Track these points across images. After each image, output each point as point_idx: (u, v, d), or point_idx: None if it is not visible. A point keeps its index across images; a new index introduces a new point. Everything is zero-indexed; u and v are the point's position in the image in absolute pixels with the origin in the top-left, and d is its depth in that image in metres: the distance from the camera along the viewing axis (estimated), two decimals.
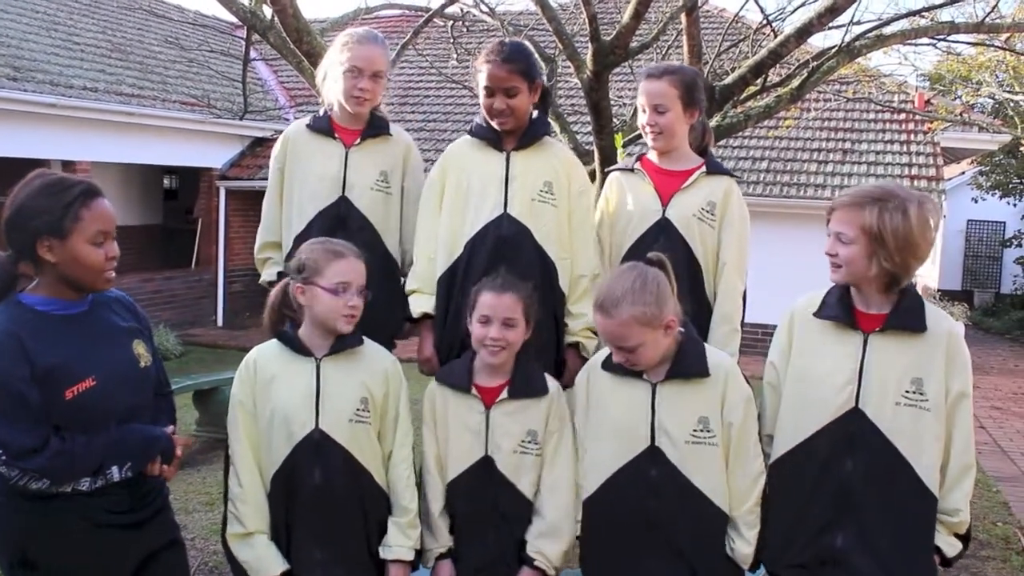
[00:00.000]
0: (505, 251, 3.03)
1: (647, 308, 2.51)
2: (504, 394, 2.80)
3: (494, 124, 3.07)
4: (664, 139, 3.07)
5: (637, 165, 3.16)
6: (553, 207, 3.10)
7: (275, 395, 2.70)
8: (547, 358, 3.08)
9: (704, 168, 3.10)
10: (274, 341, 2.78)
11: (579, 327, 3.14)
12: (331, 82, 3.20)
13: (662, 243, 2.96)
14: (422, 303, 3.14)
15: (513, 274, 2.89)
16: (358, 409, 2.72)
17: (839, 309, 2.59)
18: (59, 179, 2.39)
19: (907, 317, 2.53)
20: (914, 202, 2.46)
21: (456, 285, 3.09)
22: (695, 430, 2.59)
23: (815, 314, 2.63)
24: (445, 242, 3.12)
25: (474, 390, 2.81)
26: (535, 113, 3.15)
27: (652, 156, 3.18)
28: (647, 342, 2.55)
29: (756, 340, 6.82)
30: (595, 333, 3.15)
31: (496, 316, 2.73)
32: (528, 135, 3.12)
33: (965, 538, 2.65)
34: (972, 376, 2.67)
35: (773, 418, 2.72)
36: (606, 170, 3.46)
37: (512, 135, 3.11)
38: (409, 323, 3.23)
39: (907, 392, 2.52)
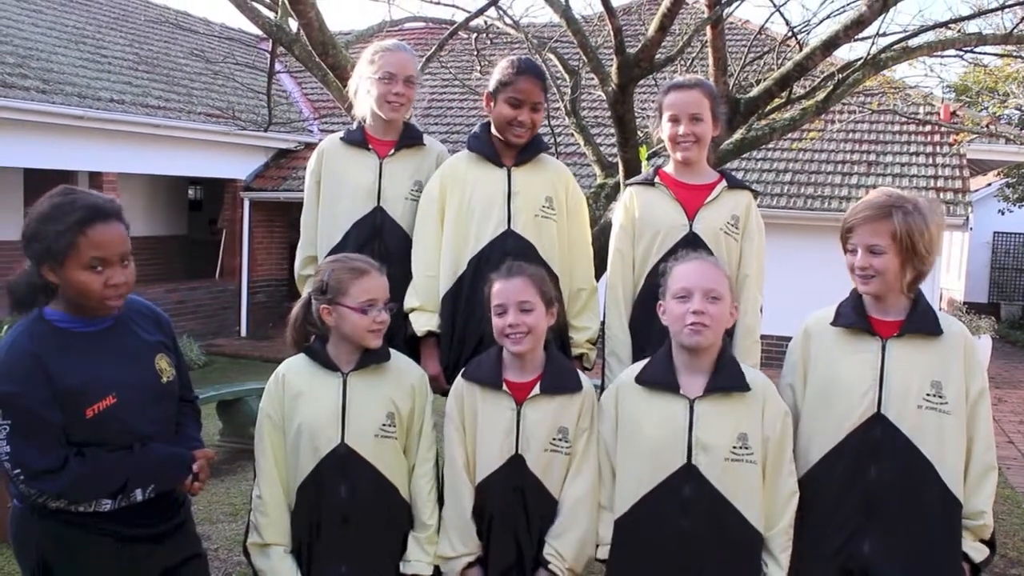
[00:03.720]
0: None
1: (727, 271, 2.68)
2: (536, 390, 2.73)
3: (511, 137, 3.09)
4: (699, 148, 3.07)
5: (657, 179, 3.15)
6: (554, 222, 3.14)
7: (302, 410, 2.71)
8: None
9: (725, 182, 3.12)
10: (302, 355, 2.79)
11: (582, 339, 3.17)
12: (363, 94, 3.22)
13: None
14: (425, 320, 3.11)
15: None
16: (384, 424, 2.72)
17: (855, 317, 2.66)
18: (65, 201, 2.33)
19: (924, 321, 2.60)
20: (923, 201, 2.58)
21: (461, 302, 3.09)
22: (735, 447, 2.55)
23: (832, 323, 2.69)
24: (448, 259, 3.11)
25: (505, 386, 2.75)
26: None
27: (669, 169, 3.17)
28: (725, 300, 2.59)
29: (781, 352, 6.76)
30: (594, 344, 3.17)
31: (509, 301, 2.68)
32: (528, 151, 3.14)
33: (991, 543, 2.67)
34: (990, 382, 2.71)
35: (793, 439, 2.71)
36: (625, 183, 3.46)
37: (511, 151, 3.14)
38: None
39: (928, 395, 2.56)
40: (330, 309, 2.69)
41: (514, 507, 2.74)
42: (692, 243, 3.01)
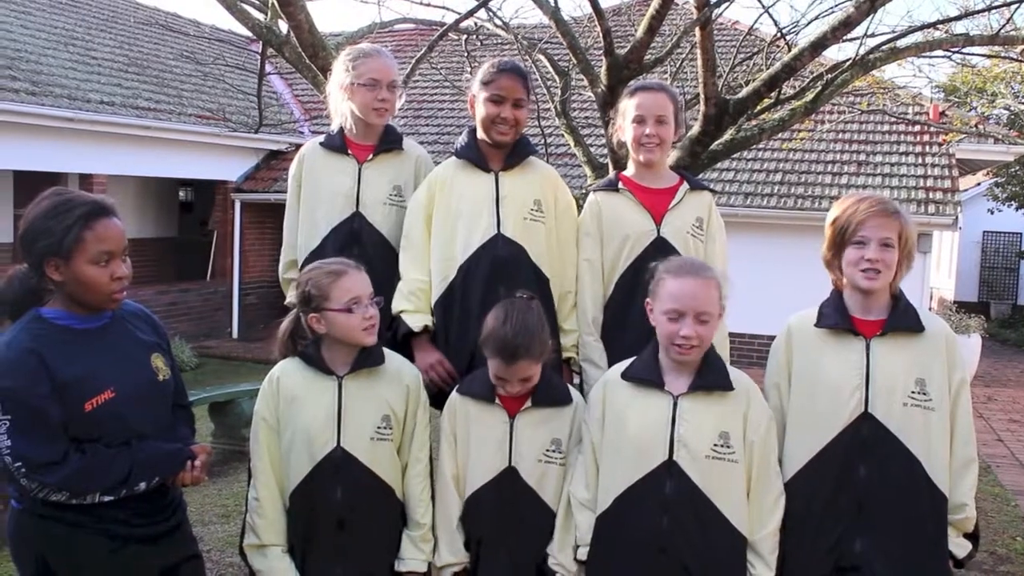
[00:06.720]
0: (501, 271, 3.04)
1: (720, 281, 2.64)
2: (528, 403, 2.77)
3: (495, 135, 3.08)
4: (661, 151, 3.11)
5: (620, 184, 3.16)
6: (543, 224, 3.13)
7: (298, 414, 2.72)
8: None
9: (686, 184, 3.15)
10: (296, 359, 2.79)
11: (570, 342, 3.16)
12: (339, 101, 3.22)
13: (660, 261, 2.97)
14: (419, 318, 3.07)
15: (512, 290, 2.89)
16: (379, 427, 2.74)
17: (838, 317, 2.68)
18: (65, 199, 2.39)
19: (906, 319, 2.64)
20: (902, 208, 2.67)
21: (454, 308, 3.08)
22: (716, 445, 2.56)
23: (816, 324, 2.70)
24: (438, 265, 3.10)
25: (498, 400, 2.79)
26: None
27: (630, 173, 3.19)
28: (715, 318, 2.60)
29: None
30: None
31: (512, 378, 2.71)
32: (516, 155, 3.14)
33: (974, 536, 2.69)
34: (980, 381, 2.74)
35: (780, 442, 2.72)
36: (588, 189, 3.46)
37: (498, 155, 3.13)
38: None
39: (913, 393, 2.59)
40: (318, 317, 2.70)
41: (507, 519, 2.77)
42: (661, 248, 3.02)
